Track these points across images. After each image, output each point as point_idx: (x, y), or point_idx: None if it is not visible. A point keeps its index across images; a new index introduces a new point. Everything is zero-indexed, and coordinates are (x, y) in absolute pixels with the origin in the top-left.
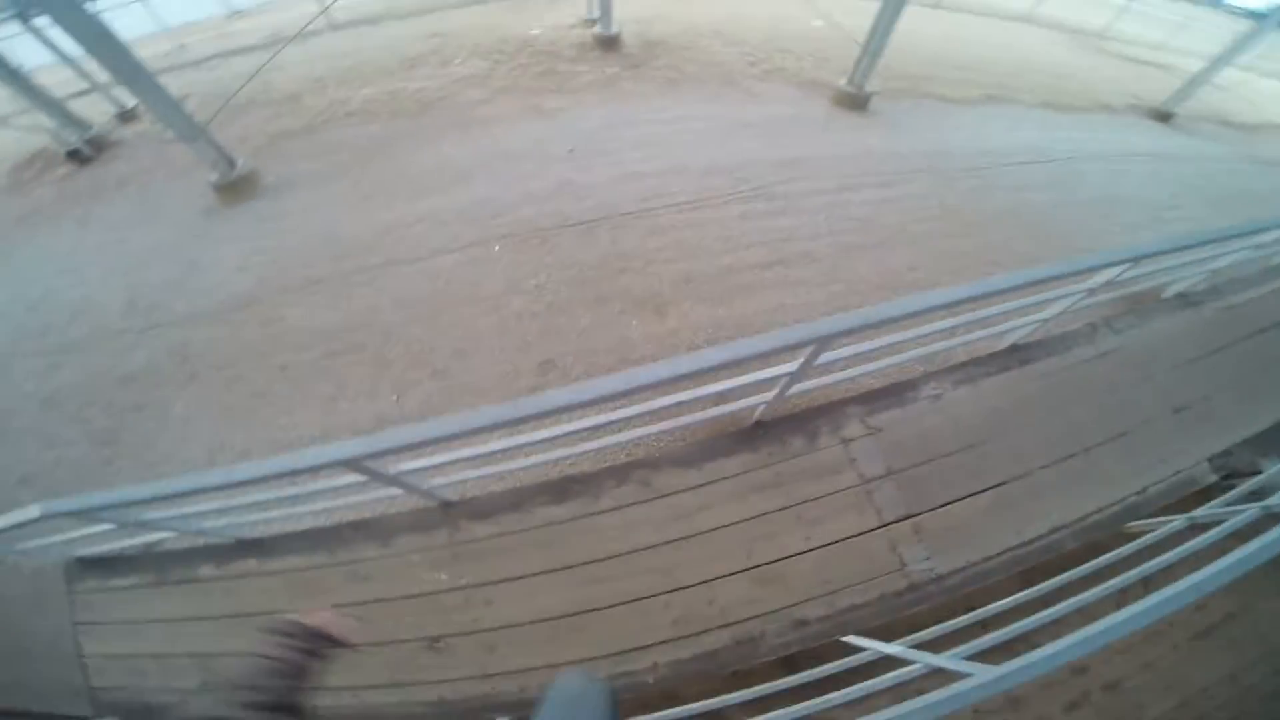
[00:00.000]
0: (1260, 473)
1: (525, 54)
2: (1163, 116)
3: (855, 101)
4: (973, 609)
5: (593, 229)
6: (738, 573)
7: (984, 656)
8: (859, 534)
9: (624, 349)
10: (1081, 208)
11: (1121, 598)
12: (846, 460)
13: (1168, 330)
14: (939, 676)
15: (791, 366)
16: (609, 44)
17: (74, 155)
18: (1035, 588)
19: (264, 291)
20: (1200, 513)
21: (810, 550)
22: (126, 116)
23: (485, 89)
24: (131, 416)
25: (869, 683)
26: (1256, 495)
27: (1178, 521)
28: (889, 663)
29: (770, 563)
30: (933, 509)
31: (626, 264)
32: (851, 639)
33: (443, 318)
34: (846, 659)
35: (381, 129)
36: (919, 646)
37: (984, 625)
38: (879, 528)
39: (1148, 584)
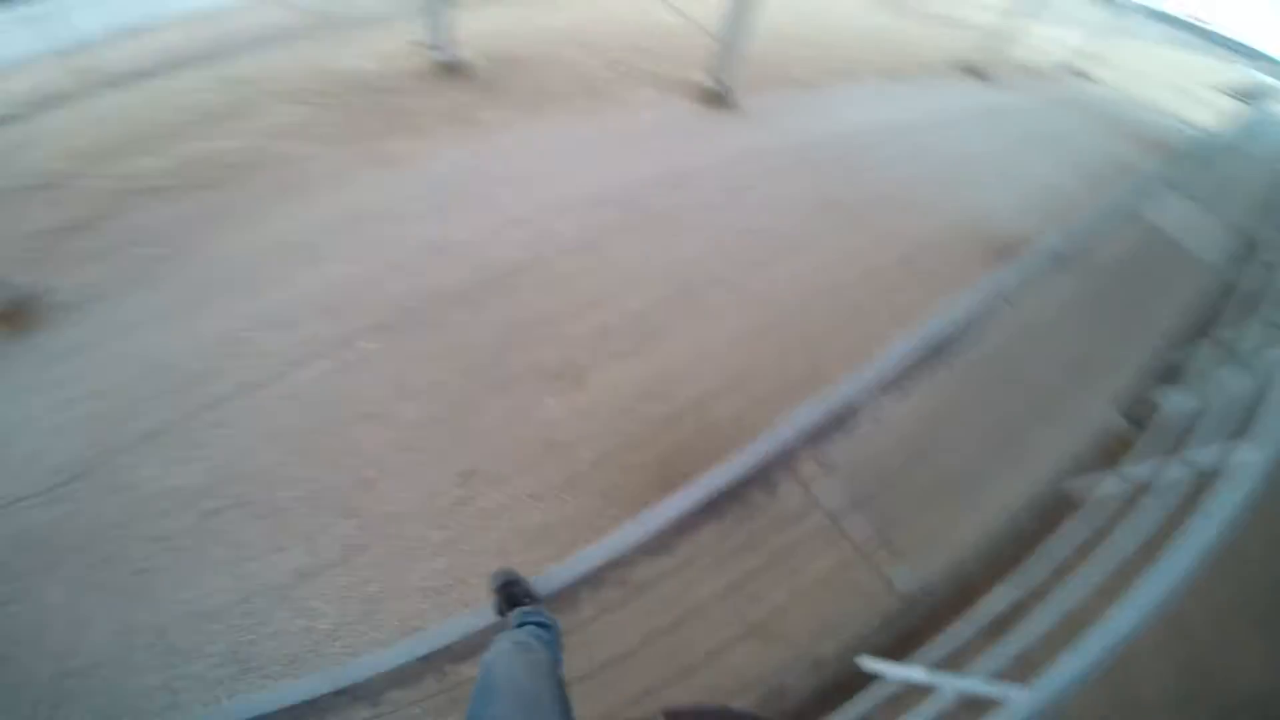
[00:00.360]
0: (1157, 407)
1: (355, 93)
2: (976, 72)
3: (721, 99)
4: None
5: (478, 297)
6: (740, 638)
7: (1011, 674)
8: (842, 569)
9: (548, 432)
10: (943, 175)
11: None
12: (811, 503)
13: (1050, 293)
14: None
15: None
16: (454, 70)
17: None
18: (1017, 575)
19: (96, 454)
20: (1132, 471)
21: (802, 597)
22: None
23: (312, 141)
24: None
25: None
26: (1168, 437)
27: (1111, 480)
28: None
29: (767, 618)
30: (902, 526)
31: (527, 332)
32: (868, 662)
33: (329, 446)
34: (875, 688)
35: (189, 207)
36: (938, 665)
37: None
38: (858, 558)
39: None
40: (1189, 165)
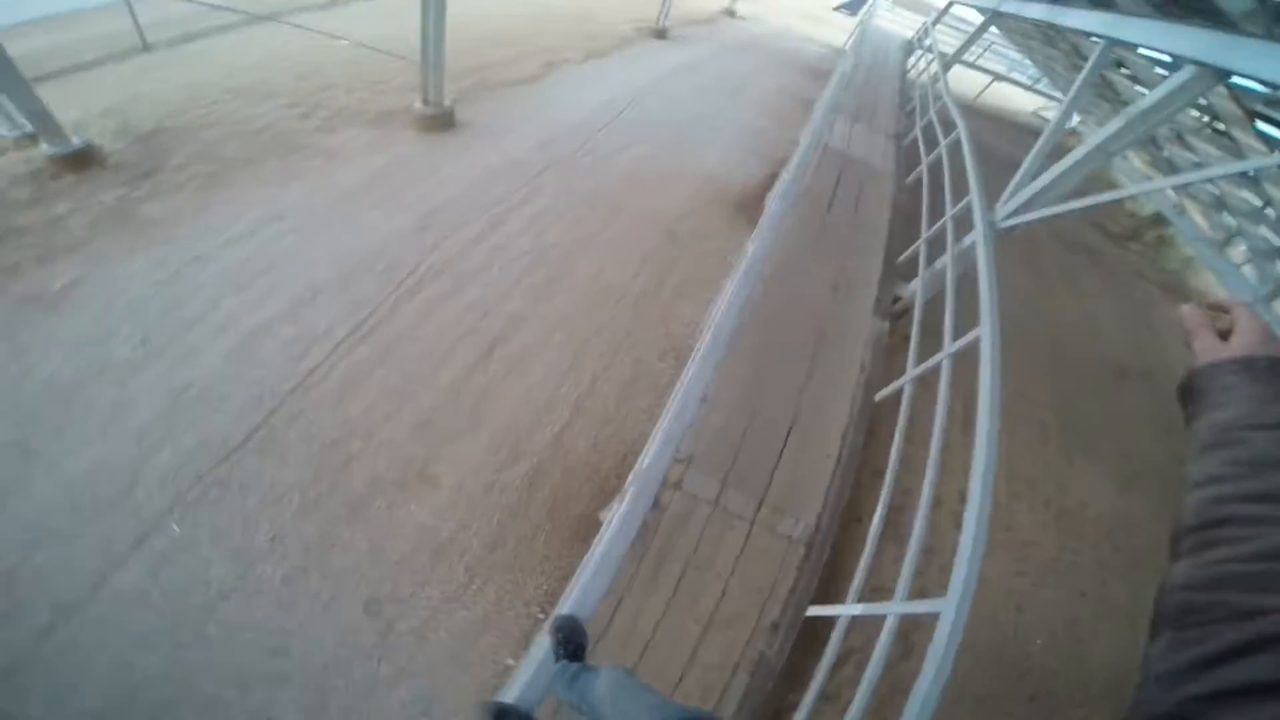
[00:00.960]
0: (904, 302)
1: None
2: (660, 34)
3: (441, 121)
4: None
5: (266, 434)
6: (702, 636)
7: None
8: (747, 543)
9: (427, 537)
10: (670, 144)
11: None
12: (690, 498)
13: (790, 230)
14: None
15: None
16: (81, 162)
17: None
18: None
19: None
20: (920, 369)
21: (731, 579)
22: None
23: None
24: None
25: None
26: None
27: (906, 377)
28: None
29: (714, 610)
30: (769, 485)
31: (344, 451)
32: (815, 610)
33: (216, 634)
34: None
35: None
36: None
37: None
38: (753, 526)
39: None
40: (841, 87)
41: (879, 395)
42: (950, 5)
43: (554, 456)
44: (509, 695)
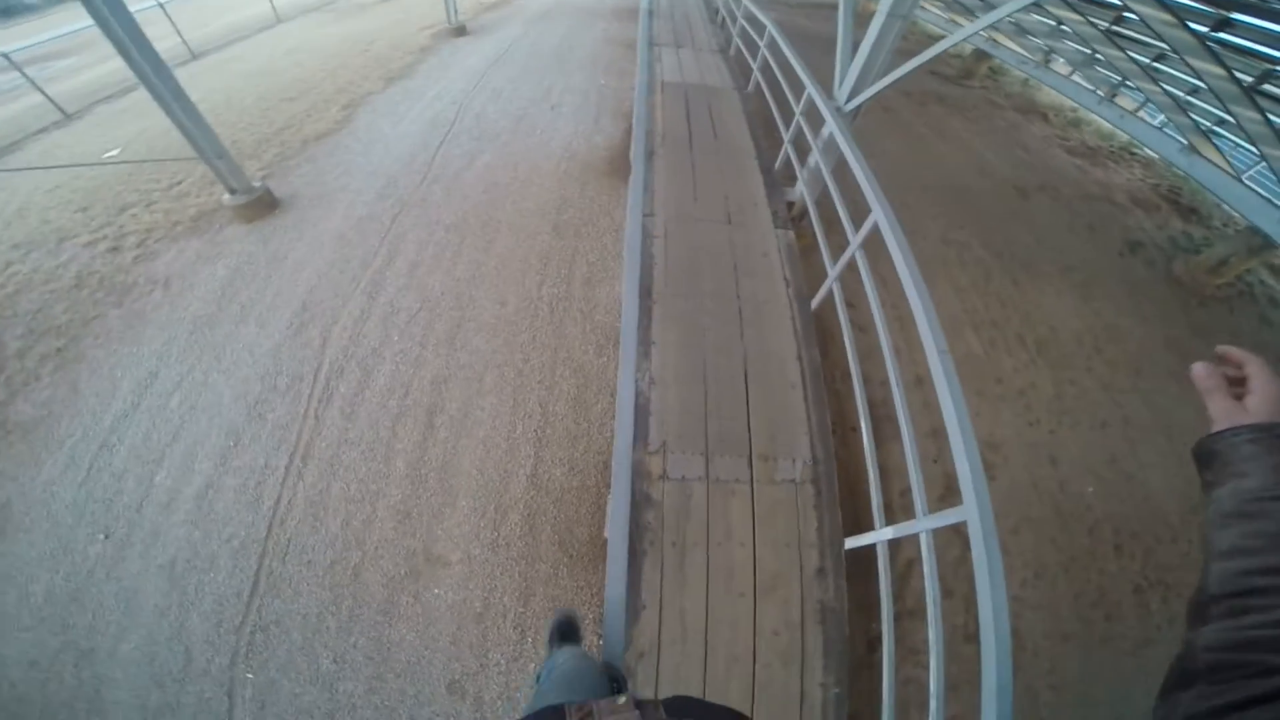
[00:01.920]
0: (794, 203)
1: None
2: (459, 31)
3: (261, 204)
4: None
5: (270, 576)
6: (755, 610)
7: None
8: (755, 503)
9: (461, 612)
10: (516, 135)
11: None
12: (680, 484)
13: (663, 172)
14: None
15: None
16: None
17: None
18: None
19: None
20: (838, 267)
21: (755, 548)
22: None
23: None
24: None
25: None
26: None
27: (829, 279)
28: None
29: (754, 583)
30: (752, 437)
31: (347, 565)
32: (853, 541)
33: None
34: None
35: None
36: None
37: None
38: (753, 485)
39: None
40: (651, 21)
41: (814, 302)
42: None
43: (538, 495)
44: None
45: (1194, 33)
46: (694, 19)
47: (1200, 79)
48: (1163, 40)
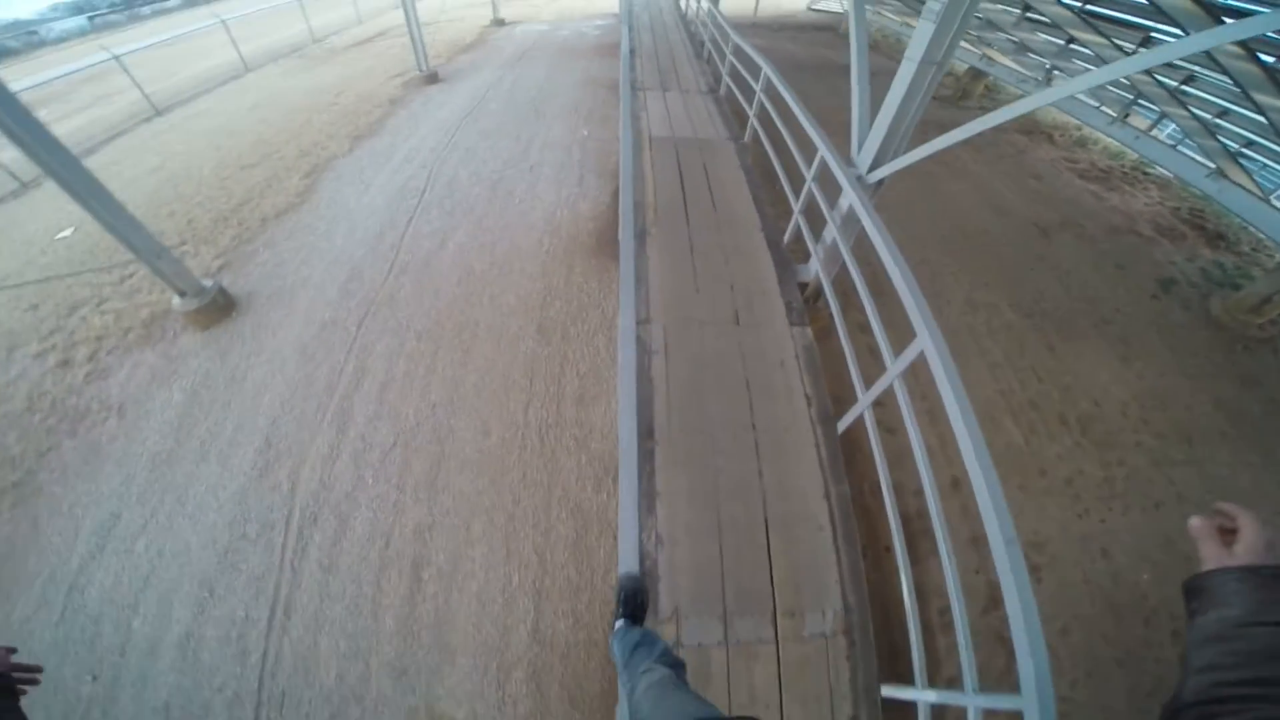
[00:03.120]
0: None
1: None
2: (431, 78)
3: (216, 308)
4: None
5: None
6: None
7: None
8: (781, 663)
9: None
10: (492, 205)
11: None
12: (697, 651)
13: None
14: None
15: None
16: None
17: None
18: None
19: None
20: (874, 393)
21: (782, 708)
22: None
23: None
24: None
25: None
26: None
27: (862, 404)
28: None
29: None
30: (776, 592)
31: None
32: (890, 691)
33: None
34: None
35: None
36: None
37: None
38: (779, 644)
39: None
40: (640, 61)
41: (841, 425)
42: None
43: (543, 651)
44: None
45: (1262, 64)
46: (679, 55)
47: (1263, 113)
48: (1228, 74)
